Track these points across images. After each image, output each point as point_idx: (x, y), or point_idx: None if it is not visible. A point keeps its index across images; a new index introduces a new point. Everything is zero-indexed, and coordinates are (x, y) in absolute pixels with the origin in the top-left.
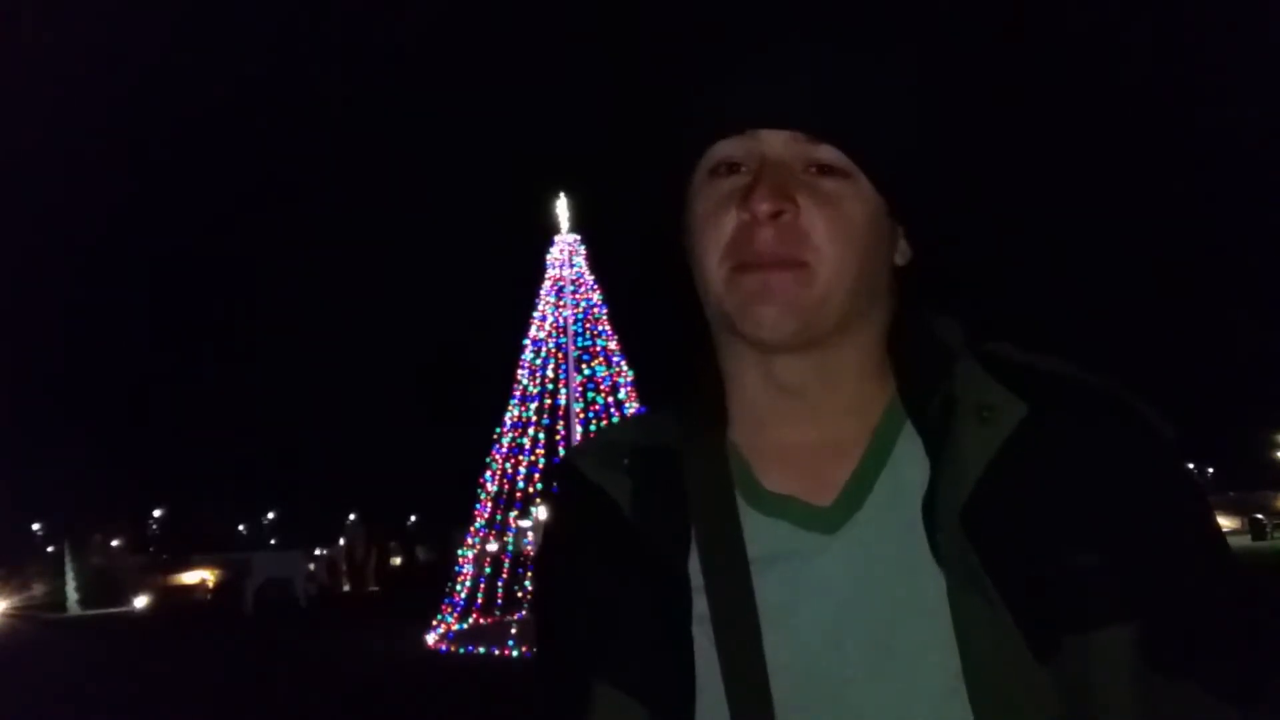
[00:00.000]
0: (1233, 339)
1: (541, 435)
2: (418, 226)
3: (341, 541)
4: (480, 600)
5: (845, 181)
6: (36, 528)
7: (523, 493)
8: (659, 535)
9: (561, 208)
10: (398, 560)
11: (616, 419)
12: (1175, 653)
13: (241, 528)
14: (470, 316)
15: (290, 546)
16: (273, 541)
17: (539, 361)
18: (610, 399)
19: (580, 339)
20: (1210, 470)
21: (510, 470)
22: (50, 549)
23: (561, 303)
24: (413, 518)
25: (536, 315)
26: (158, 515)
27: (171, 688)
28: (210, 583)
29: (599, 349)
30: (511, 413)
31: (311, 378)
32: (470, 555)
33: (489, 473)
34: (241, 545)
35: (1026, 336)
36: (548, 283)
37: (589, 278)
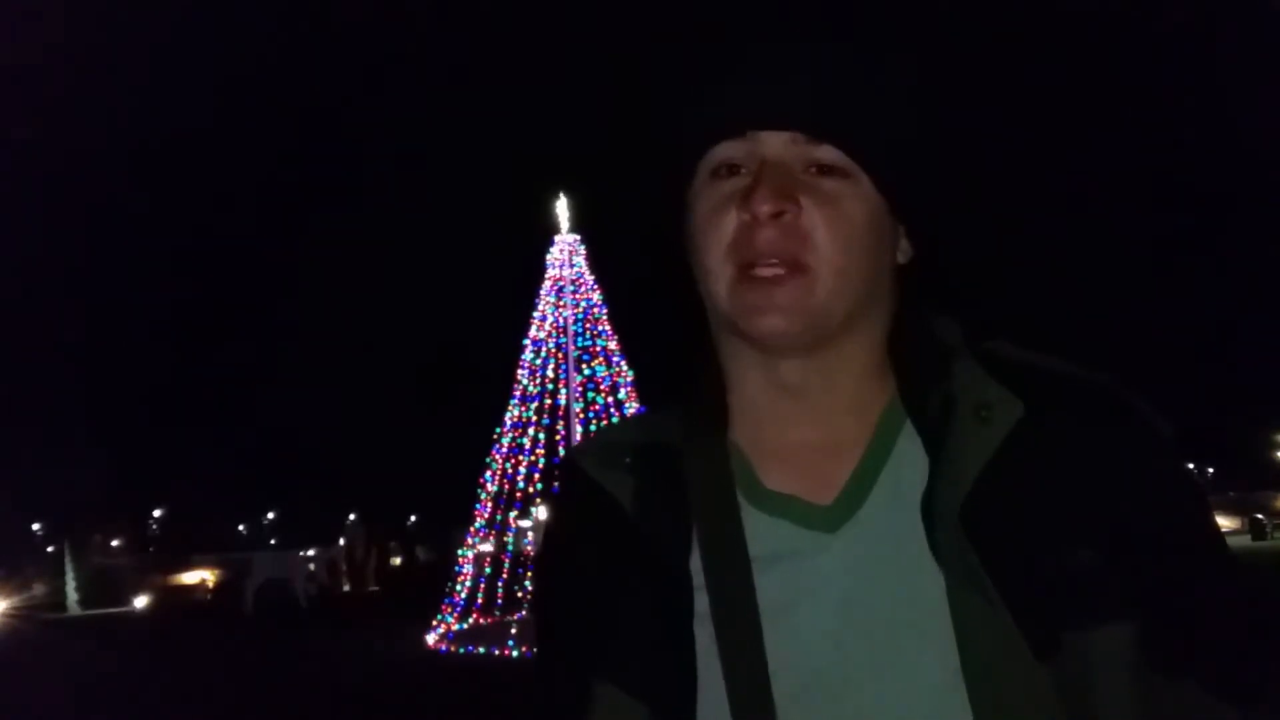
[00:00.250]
0: (1233, 339)
1: (541, 435)
2: (418, 226)
3: (341, 541)
4: (480, 600)
5: (846, 181)
6: (36, 528)
7: (523, 493)
8: (661, 534)
9: (561, 208)
10: (398, 560)
11: (616, 419)
12: (1174, 651)
13: (241, 528)
14: (470, 316)
15: (290, 546)
16: (273, 541)
17: (539, 361)
18: (610, 399)
19: (580, 339)
20: (1210, 470)
21: (510, 470)
22: (50, 549)
23: (561, 303)
24: (413, 518)
25: (536, 315)
26: (158, 515)
27: (171, 688)
28: (210, 583)
29: (599, 349)
30: (511, 413)
31: (312, 377)
32: (470, 555)
33: (489, 473)
34: (241, 545)
35: (1025, 336)
36: (548, 283)
37: (589, 278)
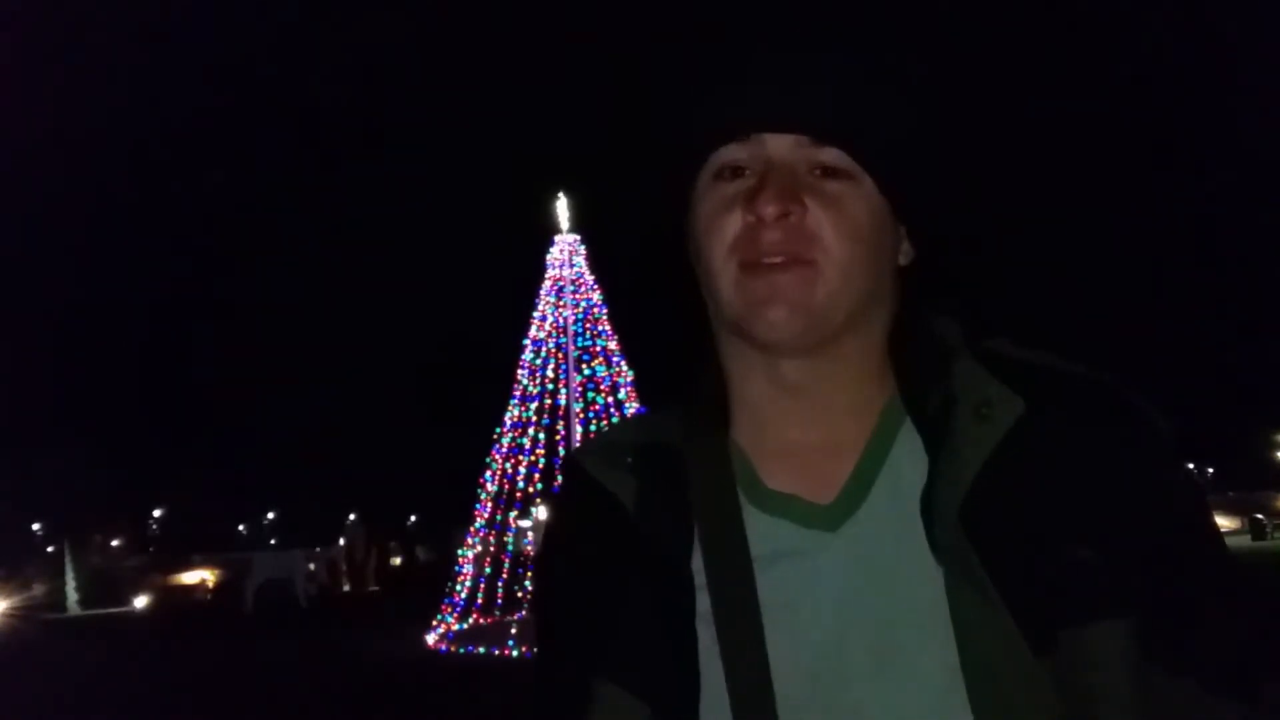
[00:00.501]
0: (1233, 339)
1: (541, 435)
2: (418, 226)
3: (341, 541)
4: (480, 600)
5: (850, 183)
6: (36, 528)
7: (523, 493)
8: (662, 534)
9: (561, 208)
10: (398, 560)
11: (616, 419)
12: (1173, 648)
13: (241, 528)
14: (470, 316)
15: (290, 546)
16: (273, 541)
17: (539, 361)
18: (610, 399)
19: (580, 339)
20: (1210, 470)
21: (510, 470)
22: (50, 549)
23: (561, 303)
24: (413, 518)
25: (536, 315)
26: (158, 515)
27: (171, 688)
28: (210, 583)
29: (599, 349)
30: (511, 413)
31: (312, 378)
32: (470, 555)
33: (489, 473)
34: (241, 545)
35: (1025, 336)
36: (548, 283)
37: (589, 278)
